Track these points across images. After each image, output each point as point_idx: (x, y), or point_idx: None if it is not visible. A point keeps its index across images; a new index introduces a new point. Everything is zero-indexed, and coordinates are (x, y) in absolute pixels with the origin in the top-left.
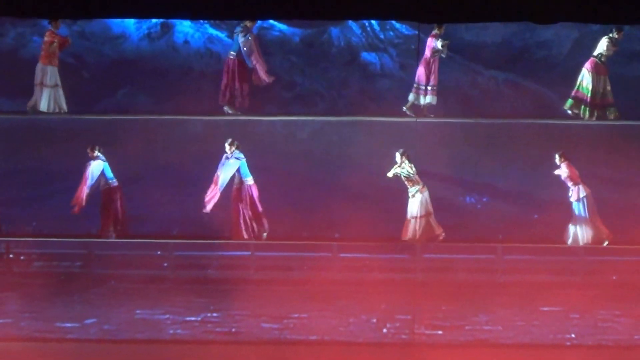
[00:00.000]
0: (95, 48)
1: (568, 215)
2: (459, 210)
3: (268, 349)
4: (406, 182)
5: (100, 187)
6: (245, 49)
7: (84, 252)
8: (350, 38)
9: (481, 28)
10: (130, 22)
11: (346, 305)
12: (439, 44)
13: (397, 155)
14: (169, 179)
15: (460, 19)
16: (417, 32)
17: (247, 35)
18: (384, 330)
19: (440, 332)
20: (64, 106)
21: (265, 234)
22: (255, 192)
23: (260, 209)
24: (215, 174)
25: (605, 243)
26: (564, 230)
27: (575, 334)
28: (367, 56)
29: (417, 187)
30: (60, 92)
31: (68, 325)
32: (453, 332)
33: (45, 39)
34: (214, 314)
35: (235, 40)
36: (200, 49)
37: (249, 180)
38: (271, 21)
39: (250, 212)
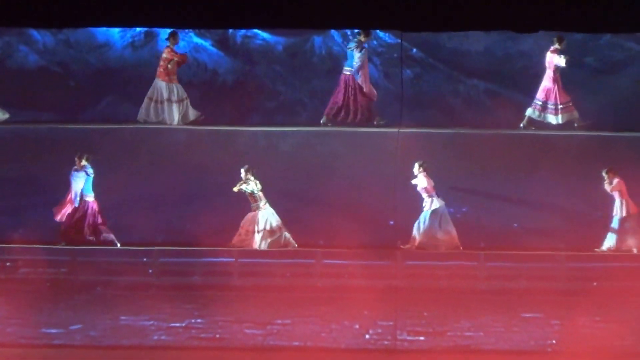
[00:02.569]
0: (81, 57)
1: (550, 223)
2: None
3: (252, 354)
4: (250, 198)
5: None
6: (359, 63)
7: (69, 259)
8: (332, 47)
9: (463, 37)
10: (115, 31)
11: (329, 311)
12: (562, 61)
13: (242, 172)
14: (152, 187)
15: (443, 28)
16: (399, 41)
17: (363, 51)
18: (367, 336)
19: (422, 338)
20: (190, 117)
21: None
22: (96, 207)
23: (100, 220)
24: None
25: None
26: (545, 237)
27: (556, 340)
28: None
29: (260, 203)
30: (187, 104)
31: (53, 331)
32: (435, 338)
33: (164, 55)
34: (199, 320)
35: (350, 56)
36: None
37: (90, 197)
38: (255, 30)
39: (91, 223)
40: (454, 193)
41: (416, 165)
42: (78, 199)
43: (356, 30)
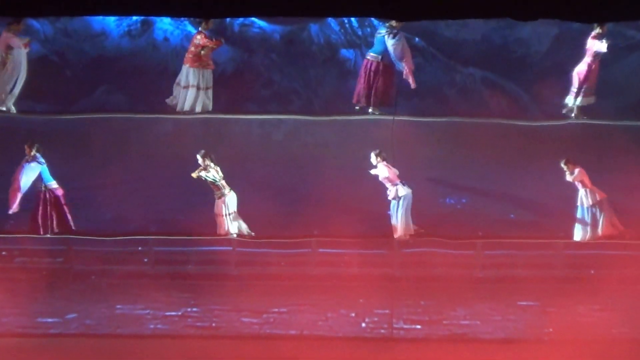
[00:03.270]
0: (77, 46)
1: (548, 214)
2: (438, 211)
3: (248, 343)
4: (212, 187)
5: (36, 190)
6: (396, 51)
7: (65, 248)
8: (329, 35)
9: (461, 25)
10: (111, 20)
11: (325, 300)
12: (603, 46)
13: (199, 157)
14: (146, 177)
15: (440, 16)
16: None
17: (398, 37)
18: (363, 324)
19: (418, 326)
20: (209, 107)
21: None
22: (60, 194)
23: (66, 209)
24: (16, 178)
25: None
26: (542, 227)
27: (553, 328)
28: (346, 53)
29: (225, 191)
30: (210, 94)
31: (49, 320)
32: (431, 327)
33: (196, 41)
34: (194, 309)
35: (378, 41)
36: (177, 46)
37: (53, 184)
38: (252, 18)
39: (54, 212)
40: (450, 183)
41: (372, 155)
42: (41, 188)
43: (371, 19)
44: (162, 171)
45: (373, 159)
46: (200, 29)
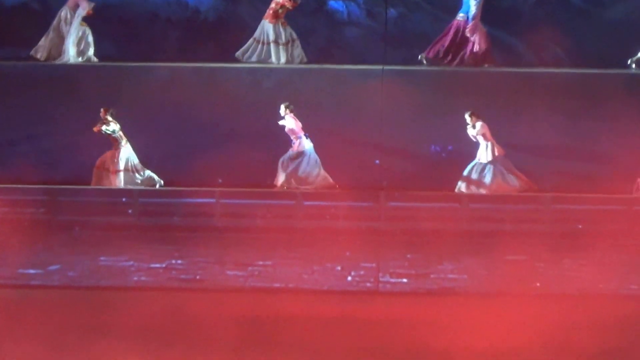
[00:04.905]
0: None
1: (535, 164)
2: (424, 159)
3: (232, 296)
4: (110, 139)
5: None
6: (474, 12)
7: (48, 198)
8: None
9: None
10: None
11: (311, 253)
12: None
13: (101, 111)
14: (134, 124)
15: None
16: None
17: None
18: (349, 278)
19: (405, 280)
20: (305, 58)
21: None
22: None
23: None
24: None
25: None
26: (531, 179)
27: (540, 283)
28: (334, 4)
29: (122, 142)
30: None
31: (31, 271)
32: (418, 281)
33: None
34: (179, 261)
35: (465, 2)
36: None
37: None
38: None
39: None
40: (438, 131)
41: (282, 107)
42: None
43: None
44: (150, 119)
45: (282, 110)
46: None
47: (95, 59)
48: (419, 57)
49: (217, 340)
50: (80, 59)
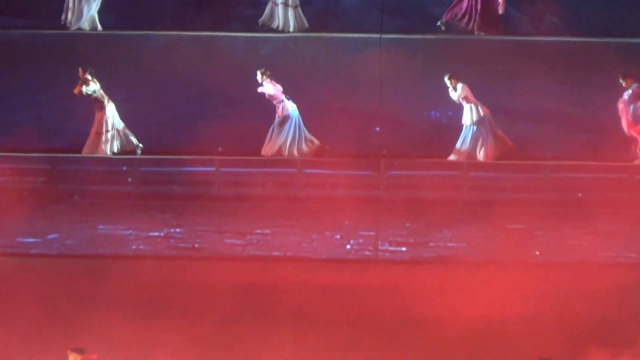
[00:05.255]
0: None
1: (534, 132)
2: (424, 126)
3: (231, 265)
4: (92, 100)
5: None
6: None
7: (48, 167)
8: None
9: None
10: None
11: (310, 221)
12: None
13: (80, 71)
14: (132, 93)
15: None
16: None
17: None
18: (348, 246)
19: (404, 248)
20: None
21: None
22: None
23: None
24: None
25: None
26: (530, 147)
27: (540, 251)
28: None
29: (105, 102)
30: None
31: (30, 240)
32: (417, 249)
33: None
34: (178, 230)
35: None
36: None
37: None
38: None
39: None
40: (436, 97)
41: (258, 73)
42: None
43: None
44: (149, 88)
45: (259, 77)
46: None
47: (100, 28)
48: (438, 23)
49: (216, 308)
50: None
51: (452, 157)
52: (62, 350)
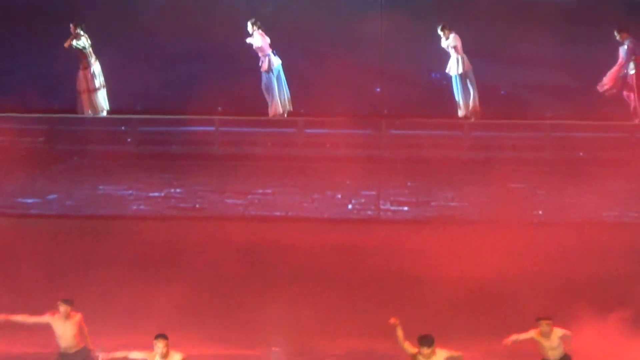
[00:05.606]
0: None
1: (539, 90)
2: (425, 85)
3: (232, 224)
4: (80, 55)
5: None
6: None
7: (47, 127)
8: None
9: None
10: None
11: (311, 181)
12: None
13: (71, 26)
14: (132, 53)
15: None
16: None
17: None
18: (349, 206)
19: (405, 208)
20: None
21: None
22: None
23: None
24: None
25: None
26: (533, 106)
27: (542, 210)
28: None
29: (91, 60)
30: None
31: (30, 200)
32: (418, 209)
33: None
34: (178, 190)
35: None
36: None
37: None
38: None
39: None
40: (438, 58)
41: (249, 24)
42: None
43: None
44: (149, 47)
45: (249, 27)
46: None
47: None
48: None
49: (217, 267)
50: None
51: (460, 113)
52: None
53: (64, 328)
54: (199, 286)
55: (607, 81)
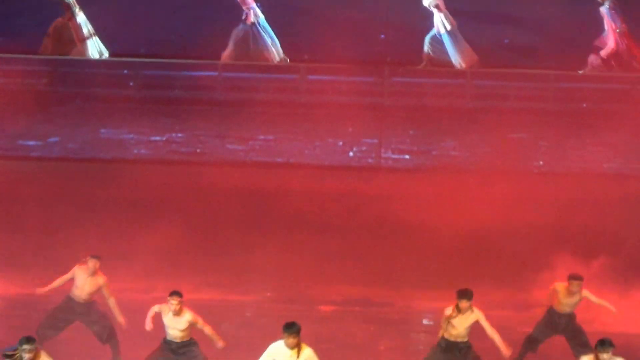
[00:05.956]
0: None
1: (543, 39)
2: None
3: (233, 170)
4: (63, 7)
5: None
6: None
7: (49, 69)
8: None
9: None
10: None
11: (313, 128)
12: None
13: None
14: None
15: None
16: None
17: None
18: (350, 153)
19: (407, 156)
20: None
21: None
22: None
23: None
24: None
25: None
26: (536, 55)
27: (543, 161)
28: None
29: (75, 10)
30: None
31: (31, 143)
32: (420, 157)
33: None
34: (179, 134)
35: None
36: None
37: None
38: None
39: None
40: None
41: None
42: None
43: None
44: None
45: None
46: None
47: None
48: None
49: (217, 212)
50: None
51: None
52: (63, 249)
53: (85, 282)
54: (196, 231)
55: (609, 45)
